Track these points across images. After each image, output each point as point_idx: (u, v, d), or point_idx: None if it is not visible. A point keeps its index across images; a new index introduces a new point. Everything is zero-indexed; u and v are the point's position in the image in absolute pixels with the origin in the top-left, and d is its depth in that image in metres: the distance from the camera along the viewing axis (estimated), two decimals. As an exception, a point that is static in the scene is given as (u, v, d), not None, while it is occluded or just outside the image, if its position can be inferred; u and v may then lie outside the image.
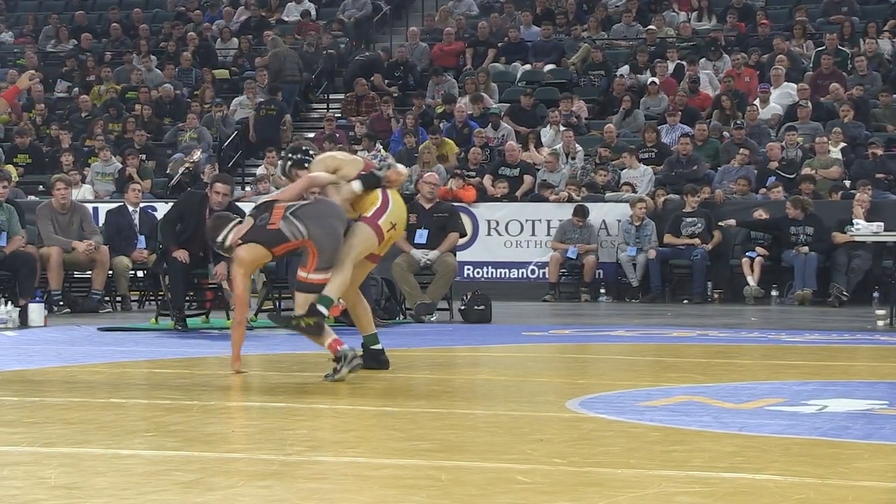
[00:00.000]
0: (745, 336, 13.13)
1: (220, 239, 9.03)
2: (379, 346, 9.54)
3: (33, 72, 11.27)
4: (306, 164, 9.36)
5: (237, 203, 14.28)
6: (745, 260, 18.61)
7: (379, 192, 9.26)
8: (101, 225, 17.39)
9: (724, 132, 21.63)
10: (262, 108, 24.75)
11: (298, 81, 26.02)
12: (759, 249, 18.58)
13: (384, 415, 7.35)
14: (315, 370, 9.68)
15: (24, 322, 14.14)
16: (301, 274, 8.96)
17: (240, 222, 9.16)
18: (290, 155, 9.56)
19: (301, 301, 8.92)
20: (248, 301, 9.34)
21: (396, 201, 9.39)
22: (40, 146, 24.10)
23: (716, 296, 19.01)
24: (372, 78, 25.39)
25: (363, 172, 9.26)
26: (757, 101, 22.55)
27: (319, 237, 8.85)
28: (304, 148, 9.64)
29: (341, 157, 9.59)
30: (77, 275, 17.10)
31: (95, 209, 18.70)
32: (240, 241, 8.89)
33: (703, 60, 24.40)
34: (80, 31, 29.26)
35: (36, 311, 14.29)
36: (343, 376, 8.60)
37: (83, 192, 21.15)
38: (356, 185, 9.17)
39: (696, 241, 18.92)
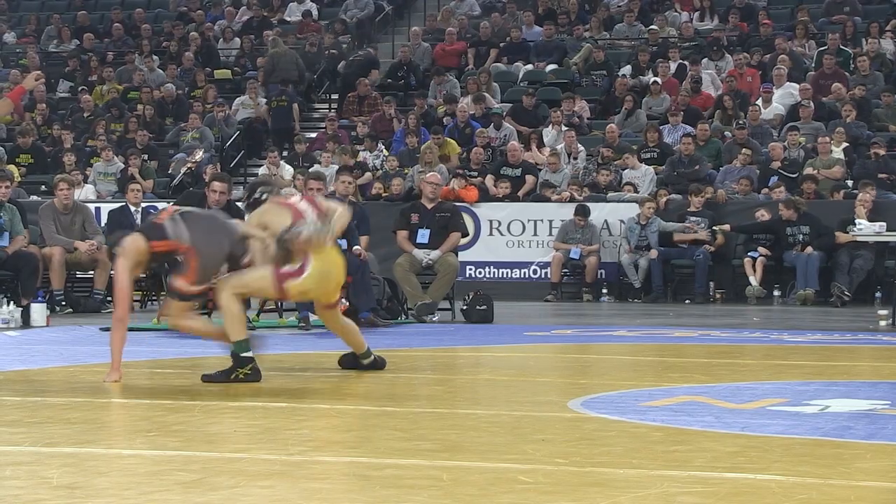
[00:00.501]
0: (747, 336, 13.12)
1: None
2: (371, 358, 9.47)
3: (39, 72, 11.23)
4: (259, 205, 9.12)
5: (237, 202, 14.27)
6: (747, 260, 18.61)
7: (305, 254, 8.76)
8: (103, 225, 17.40)
9: (726, 132, 21.63)
10: (273, 99, 25.03)
11: (295, 81, 26.02)
12: (762, 249, 18.57)
13: (386, 415, 7.35)
14: (317, 370, 9.69)
15: (26, 322, 14.15)
16: (178, 283, 8.65)
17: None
18: (248, 194, 9.31)
19: (175, 308, 8.75)
20: (129, 295, 8.96)
21: (319, 269, 8.81)
22: (42, 146, 24.11)
23: (718, 296, 19.00)
24: (368, 77, 25.39)
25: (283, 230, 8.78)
26: (759, 101, 22.54)
27: (201, 247, 8.56)
28: (259, 189, 9.27)
29: (270, 214, 8.98)
30: (79, 275, 17.12)
31: (98, 209, 18.71)
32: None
33: (705, 60, 24.40)
34: (83, 32, 29.28)
35: (38, 311, 14.29)
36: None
37: (85, 193, 21.16)
38: (270, 247, 8.79)
39: (704, 234, 18.90)
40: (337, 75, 26.60)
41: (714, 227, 19.02)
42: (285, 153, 23.67)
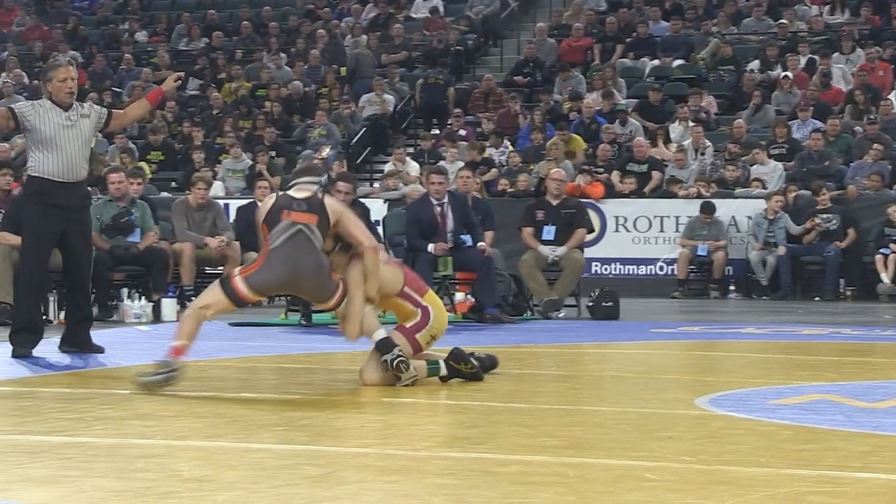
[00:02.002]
0: (878, 334, 12.91)
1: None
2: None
3: (179, 74, 11.32)
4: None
5: (361, 199, 14.37)
6: (878, 257, 18.34)
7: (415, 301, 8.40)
8: (231, 221, 17.60)
9: (857, 127, 21.31)
10: (430, 76, 25.55)
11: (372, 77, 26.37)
12: (893, 246, 18.28)
13: (511, 411, 7.34)
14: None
15: (157, 317, 14.37)
16: (237, 279, 8.07)
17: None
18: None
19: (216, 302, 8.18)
20: None
21: (437, 307, 8.55)
22: (173, 143, 24.46)
23: (848, 293, 18.74)
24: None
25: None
26: (891, 96, 22.18)
27: (277, 258, 8.10)
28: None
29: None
30: (209, 270, 17.31)
31: (226, 206, 18.93)
32: None
33: (835, 55, 24.06)
34: (212, 30, 29.66)
35: (169, 306, 14.51)
36: (156, 382, 7.88)
37: (214, 189, 21.40)
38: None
39: (833, 223, 18.67)
40: (464, 71, 26.65)
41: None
42: (410, 149, 23.79)
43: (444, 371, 8.42)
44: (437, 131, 23.98)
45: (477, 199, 15.58)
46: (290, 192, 8.31)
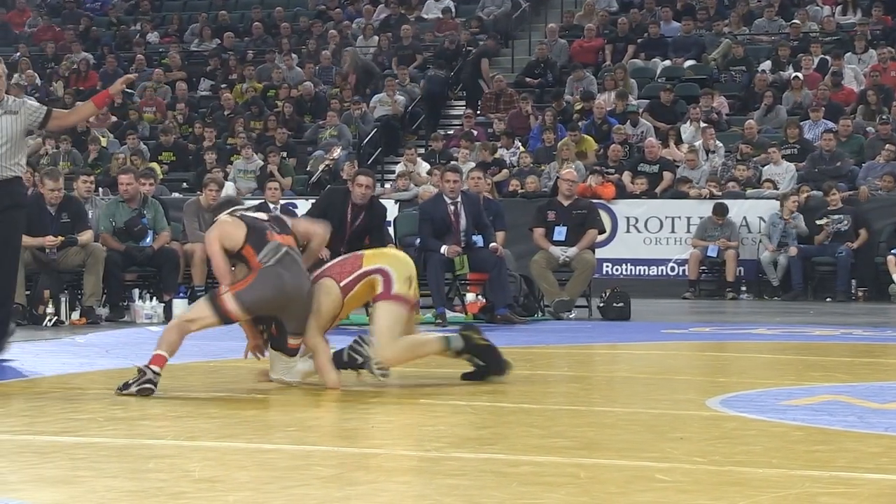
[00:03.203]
0: (890, 335, 12.89)
1: None
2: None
3: (129, 76, 11.09)
4: None
5: (380, 199, 14.37)
6: (890, 257, 18.30)
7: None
8: (243, 222, 17.61)
9: (869, 127, 21.28)
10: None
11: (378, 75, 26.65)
12: (906, 246, 18.27)
13: (522, 412, 7.34)
14: (452, 366, 9.71)
15: (168, 317, 14.36)
16: (226, 296, 8.03)
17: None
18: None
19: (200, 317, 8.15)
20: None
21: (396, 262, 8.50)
22: (185, 144, 24.49)
23: (860, 294, 18.71)
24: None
25: None
26: (903, 96, 22.15)
27: (269, 275, 8.03)
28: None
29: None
30: (220, 271, 17.32)
31: (237, 206, 18.92)
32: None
33: (847, 55, 24.02)
34: (223, 31, 29.69)
35: (180, 306, 14.49)
36: (131, 392, 7.72)
37: (225, 190, 21.42)
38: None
39: (844, 223, 18.66)
40: (476, 74, 26.69)
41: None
42: (422, 150, 23.80)
43: (458, 343, 8.36)
44: (451, 131, 24.00)
45: (488, 200, 15.58)
46: (250, 215, 8.28)
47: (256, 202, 18.30)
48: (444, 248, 14.08)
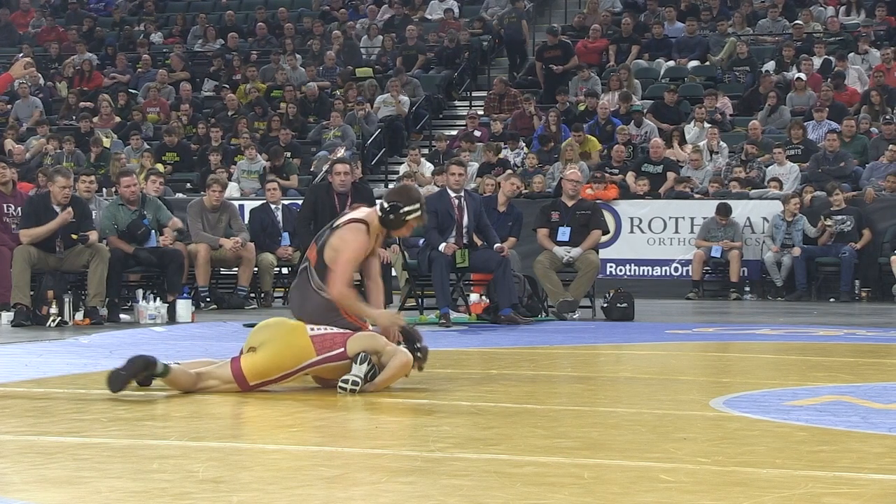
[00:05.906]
0: (894, 335, 12.88)
1: None
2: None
3: (29, 60, 10.99)
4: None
5: (366, 182, 14.36)
6: (894, 258, 18.29)
7: None
8: (246, 222, 17.64)
9: (873, 128, 21.27)
10: (506, 17, 27.33)
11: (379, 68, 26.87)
12: (909, 247, 18.27)
13: (526, 412, 7.34)
14: (457, 367, 9.72)
15: (172, 318, 14.38)
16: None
17: None
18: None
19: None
20: None
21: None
22: (189, 144, 24.50)
23: (863, 294, 18.71)
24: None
25: None
26: (907, 97, 22.16)
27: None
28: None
29: None
30: (224, 271, 17.36)
31: (241, 207, 18.97)
32: None
33: (851, 55, 24.01)
34: (227, 31, 29.71)
35: (183, 307, 14.53)
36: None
37: (229, 190, 21.43)
38: None
39: (847, 224, 18.65)
40: (478, 72, 26.71)
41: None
42: (426, 150, 23.81)
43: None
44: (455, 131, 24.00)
45: (511, 205, 15.63)
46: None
47: (259, 203, 18.42)
48: (442, 246, 14.07)
